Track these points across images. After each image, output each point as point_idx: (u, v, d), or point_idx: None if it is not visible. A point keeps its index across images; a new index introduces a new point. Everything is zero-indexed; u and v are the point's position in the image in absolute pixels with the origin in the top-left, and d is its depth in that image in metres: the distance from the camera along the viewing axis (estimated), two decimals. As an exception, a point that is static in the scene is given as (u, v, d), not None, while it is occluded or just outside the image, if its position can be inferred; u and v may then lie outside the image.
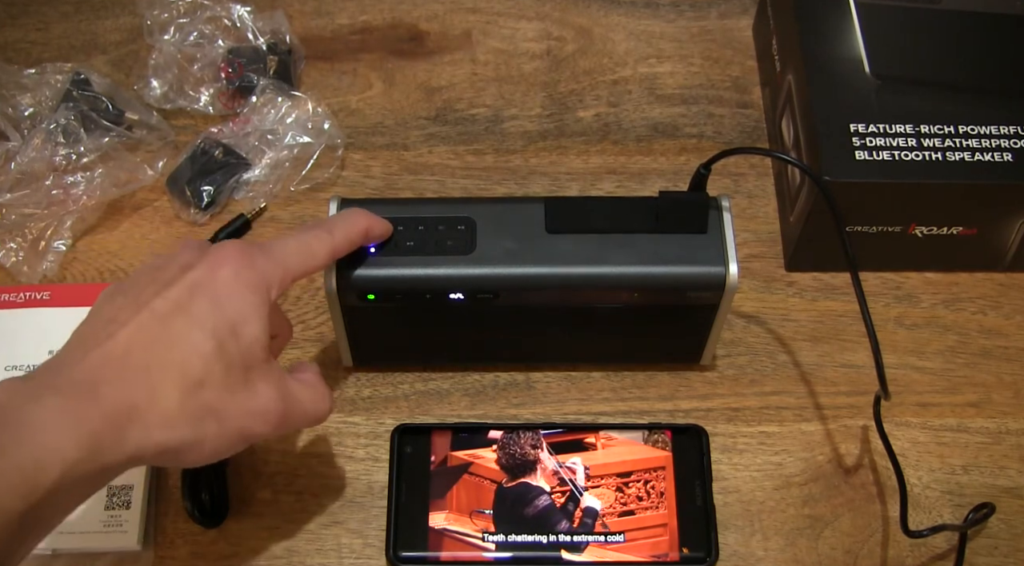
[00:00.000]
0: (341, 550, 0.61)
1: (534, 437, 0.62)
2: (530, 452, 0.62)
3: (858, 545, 0.61)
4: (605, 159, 0.75)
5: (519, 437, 0.62)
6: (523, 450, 0.62)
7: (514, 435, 0.63)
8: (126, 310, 0.48)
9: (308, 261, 0.54)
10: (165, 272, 0.50)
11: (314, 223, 0.56)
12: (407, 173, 0.74)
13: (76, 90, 0.73)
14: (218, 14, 0.77)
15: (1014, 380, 0.67)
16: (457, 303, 0.59)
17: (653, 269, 0.58)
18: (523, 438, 0.62)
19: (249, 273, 0.50)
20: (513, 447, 0.62)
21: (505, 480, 0.61)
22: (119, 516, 0.60)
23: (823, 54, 0.68)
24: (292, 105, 0.73)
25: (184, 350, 0.48)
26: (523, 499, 0.61)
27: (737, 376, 0.67)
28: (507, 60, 0.80)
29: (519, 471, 0.62)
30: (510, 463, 0.62)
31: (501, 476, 0.62)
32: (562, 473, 0.61)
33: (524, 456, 0.62)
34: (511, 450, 0.62)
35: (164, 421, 0.47)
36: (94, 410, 0.45)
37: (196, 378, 0.48)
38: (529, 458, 0.62)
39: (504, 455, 0.62)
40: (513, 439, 0.62)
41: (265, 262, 0.51)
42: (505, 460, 0.62)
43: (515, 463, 0.62)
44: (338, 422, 0.65)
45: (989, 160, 0.64)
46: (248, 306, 0.50)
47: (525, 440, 0.62)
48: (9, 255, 0.69)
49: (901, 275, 0.70)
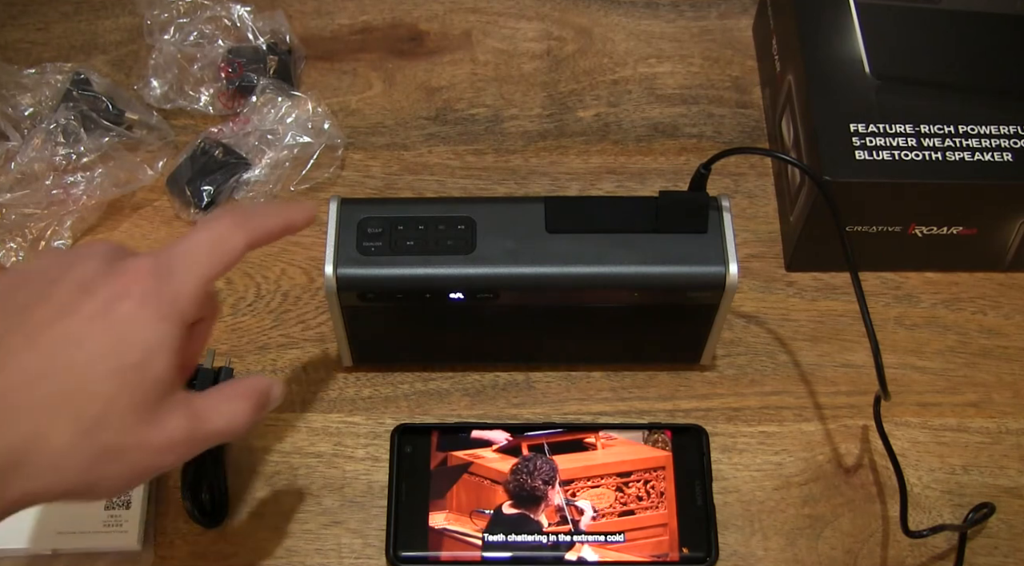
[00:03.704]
0: (341, 550, 0.61)
1: (550, 471, 0.62)
2: (540, 487, 0.61)
3: (858, 545, 0.61)
4: (605, 159, 0.75)
5: (535, 467, 0.62)
6: (534, 483, 0.61)
7: (530, 463, 0.62)
8: (12, 333, 0.43)
9: (222, 261, 0.48)
10: (58, 288, 0.45)
11: (222, 212, 0.50)
12: (407, 173, 0.74)
13: (76, 90, 0.73)
14: (218, 14, 0.77)
15: (1014, 380, 0.67)
16: (457, 303, 0.59)
17: (653, 269, 0.58)
18: (539, 469, 0.62)
19: (156, 302, 0.45)
20: (525, 476, 0.61)
21: (507, 503, 0.61)
22: (119, 516, 0.60)
23: (823, 54, 0.68)
24: (292, 105, 0.73)
25: (79, 389, 0.43)
26: (517, 530, 0.60)
27: (737, 376, 0.67)
28: (507, 60, 0.80)
29: (524, 502, 0.61)
30: (517, 491, 0.61)
31: (502, 477, 0.62)
32: (566, 512, 0.61)
33: (533, 490, 0.61)
34: (522, 479, 0.61)
35: (53, 465, 0.43)
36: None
37: (92, 419, 0.43)
38: (537, 493, 0.61)
39: (515, 482, 0.61)
40: (528, 467, 0.62)
41: (174, 284, 0.46)
42: (514, 487, 0.61)
43: (523, 493, 0.61)
44: (338, 422, 0.65)
45: (989, 160, 0.64)
46: (155, 339, 0.45)
47: (540, 472, 0.62)
48: (9, 255, 0.69)
49: (901, 275, 0.70)
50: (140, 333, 0.44)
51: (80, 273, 0.45)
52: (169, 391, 0.45)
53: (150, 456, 0.45)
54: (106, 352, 0.44)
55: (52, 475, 0.43)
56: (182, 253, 0.47)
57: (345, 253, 0.58)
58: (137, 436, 0.44)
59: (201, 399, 0.48)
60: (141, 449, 0.45)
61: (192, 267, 0.47)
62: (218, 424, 0.48)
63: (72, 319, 0.44)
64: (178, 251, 0.47)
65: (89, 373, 0.43)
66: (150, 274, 0.45)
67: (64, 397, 0.43)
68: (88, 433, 0.43)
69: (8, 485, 0.42)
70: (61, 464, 0.43)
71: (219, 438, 0.48)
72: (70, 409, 0.43)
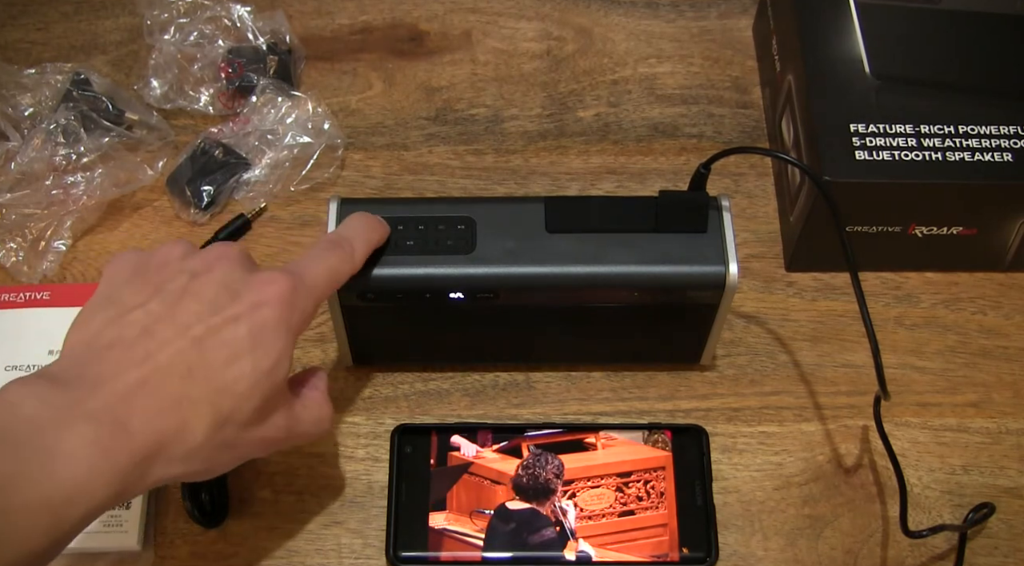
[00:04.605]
0: (341, 550, 0.61)
1: (559, 466, 0.62)
2: (552, 480, 0.61)
3: (858, 545, 0.61)
4: (605, 159, 0.75)
5: (547, 461, 0.62)
6: (547, 475, 0.61)
7: (541, 458, 0.62)
8: (161, 323, 0.47)
9: (334, 286, 0.54)
10: (204, 285, 0.49)
11: (333, 241, 0.54)
12: (407, 173, 0.74)
13: (76, 90, 0.73)
14: (218, 14, 0.77)
15: (1014, 380, 0.67)
16: (457, 303, 0.59)
17: (653, 269, 0.58)
18: (550, 463, 0.62)
19: (291, 315, 0.50)
20: (538, 469, 0.62)
21: (512, 500, 0.61)
22: (119, 516, 0.60)
23: (823, 54, 0.68)
24: (292, 105, 0.73)
25: (219, 385, 0.47)
26: (528, 526, 0.60)
27: (737, 376, 0.67)
28: (507, 60, 0.80)
29: (532, 495, 0.61)
30: (530, 484, 0.61)
31: (502, 478, 0.62)
32: (566, 512, 0.60)
33: (547, 483, 0.61)
34: (536, 471, 0.61)
35: (187, 455, 0.47)
36: (125, 446, 0.44)
37: (225, 415, 0.47)
38: (551, 486, 0.61)
39: (527, 475, 0.61)
40: (540, 461, 0.62)
41: (305, 302, 0.51)
42: (527, 480, 0.61)
43: (535, 485, 0.61)
44: (338, 422, 0.65)
45: (989, 160, 0.64)
46: (285, 348, 0.49)
47: (551, 465, 0.62)
48: (9, 255, 0.69)
49: (901, 275, 0.70)
50: (275, 342, 0.49)
51: (224, 274, 0.49)
52: (282, 396, 0.50)
53: (253, 449, 0.50)
54: (244, 353, 0.48)
55: (184, 464, 0.47)
56: (308, 280, 0.51)
57: (345, 253, 0.58)
58: (251, 433, 0.49)
59: (300, 403, 0.53)
60: (250, 444, 0.49)
61: (315, 292, 0.52)
62: (307, 427, 0.53)
63: (219, 319, 0.48)
64: (306, 277, 0.51)
65: (228, 372, 0.47)
66: (289, 287, 0.50)
67: (208, 393, 0.47)
68: (220, 428, 0.47)
69: (148, 473, 0.46)
70: (193, 455, 0.47)
71: (307, 439, 0.54)
72: (209, 405, 0.47)
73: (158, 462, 0.46)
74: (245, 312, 0.48)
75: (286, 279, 0.50)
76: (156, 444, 0.45)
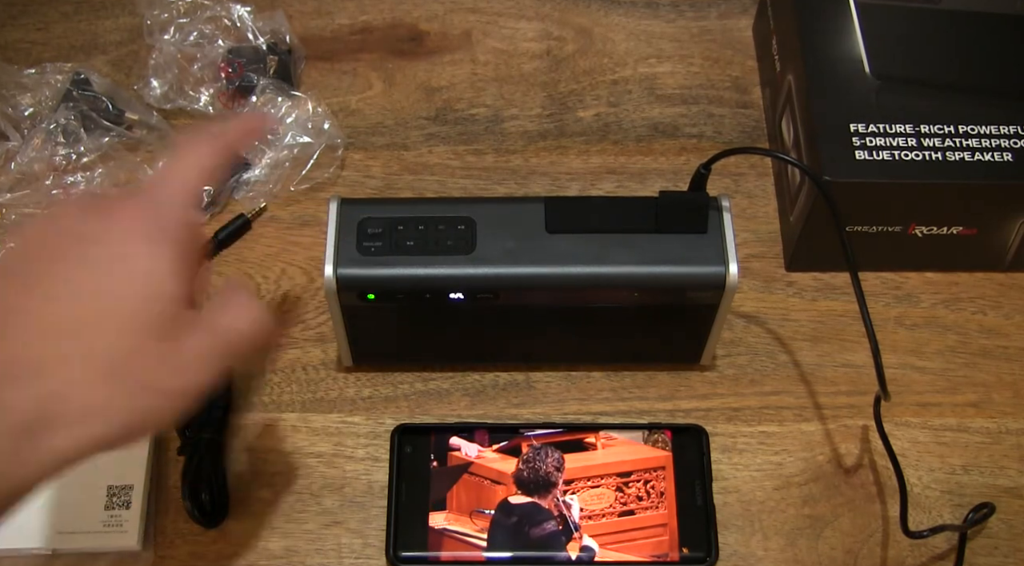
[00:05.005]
0: (341, 550, 0.61)
1: (559, 460, 0.62)
2: (553, 474, 0.61)
3: (858, 545, 0.61)
4: (605, 159, 0.75)
5: (547, 455, 0.62)
6: (548, 468, 0.62)
7: (542, 451, 0.62)
8: (17, 293, 0.43)
9: (199, 183, 0.49)
10: (50, 242, 0.45)
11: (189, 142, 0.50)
12: (407, 173, 0.74)
13: (76, 90, 0.73)
14: (218, 14, 0.77)
15: (1014, 380, 0.67)
16: (457, 303, 0.59)
17: (653, 269, 0.58)
18: (550, 456, 0.62)
19: (145, 232, 0.45)
20: (539, 463, 0.62)
21: (513, 495, 0.61)
22: (119, 516, 0.60)
23: (823, 54, 0.68)
24: (292, 105, 0.73)
25: (91, 332, 0.43)
26: (530, 519, 0.60)
27: (737, 376, 0.67)
28: (507, 60, 0.80)
29: (534, 489, 0.61)
30: (531, 477, 0.61)
31: (503, 478, 0.62)
32: (566, 511, 0.61)
33: (547, 476, 0.61)
34: (536, 465, 0.62)
35: (84, 416, 0.42)
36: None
37: (111, 358, 0.42)
38: (551, 479, 0.61)
39: (527, 468, 0.62)
40: (541, 454, 0.62)
41: (161, 212, 0.46)
42: (527, 473, 0.61)
43: (536, 478, 0.61)
44: (338, 422, 0.65)
45: (989, 160, 0.64)
46: (152, 264, 0.44)
47: (552, 459, 0.62)
48: (9, 255, 0.69)
49: (901, 275, 0.70)
50: (137, 263, 0.44)
51: (67, 224, 0.45)
52: (180, 313, 0.45)
53: (184, 376, 0.44)
54: (108, 289, 0.43)
55: (87, 427, 0.42)
56: (165, 184, 0.48)
57: (345, 253, 0.58)
58: (164, 363, 0.44)
59: (208, 311, 0.47)
60: (174, 374, 0.44)
61: (180, 191, 0.47)
62: (239, 324, 0.47)
63: (67, 266, 0.44)
64: (164, 183, 0.48)
65: (96, 314, 0.43)
66: (136, 208, 0.46)
67: (77, 344, 0.42)
68: (113, 374, 0.42)
69: (36, 446, 0.41)
70: (94, 413, 0.42)
71: (248, 340, 0.48)
72: (85, 355, 0.42)
73: (47, 434, 0.41)
74: (94, 252, 0.44)
75: (127, 202, 0.47)
76: (32, 415, 0.41)
